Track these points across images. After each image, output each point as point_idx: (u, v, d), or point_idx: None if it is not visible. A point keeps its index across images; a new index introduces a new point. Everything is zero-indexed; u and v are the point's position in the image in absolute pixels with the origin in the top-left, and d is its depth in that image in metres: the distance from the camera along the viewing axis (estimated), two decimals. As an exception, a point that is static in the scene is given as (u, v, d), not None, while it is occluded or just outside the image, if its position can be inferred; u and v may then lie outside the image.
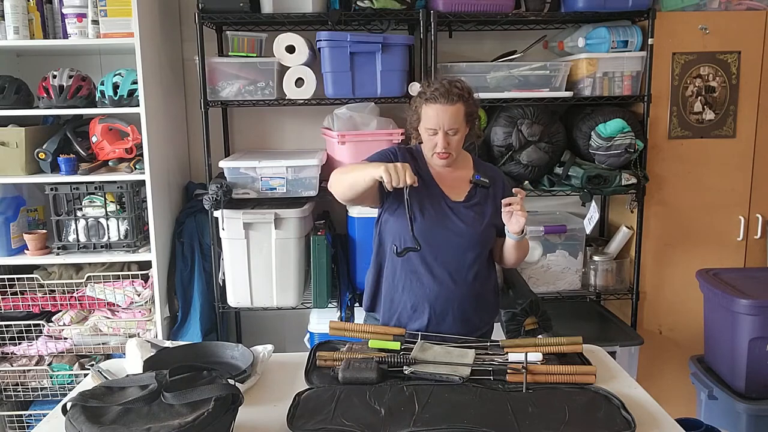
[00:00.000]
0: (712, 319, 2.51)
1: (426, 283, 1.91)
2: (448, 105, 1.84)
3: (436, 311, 1.91)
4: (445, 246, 1.90)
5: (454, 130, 1.86)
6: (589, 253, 2.91)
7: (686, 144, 2.82)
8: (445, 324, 1.91)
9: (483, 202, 1.96)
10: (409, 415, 1.42)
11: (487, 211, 1.95)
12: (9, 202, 2.71)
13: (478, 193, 1.97)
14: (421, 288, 1.92)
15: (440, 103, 1.84)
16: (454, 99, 1.85)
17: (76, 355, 2.76)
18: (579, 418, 1.41)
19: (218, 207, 2.58)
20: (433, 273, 1.91)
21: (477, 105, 1.94)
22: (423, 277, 1.91)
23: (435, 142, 1.87)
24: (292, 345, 3.18)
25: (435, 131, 1.86)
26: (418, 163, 1.97)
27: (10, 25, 2.54)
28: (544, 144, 2.73)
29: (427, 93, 1.88)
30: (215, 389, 1.23)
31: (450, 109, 1.84)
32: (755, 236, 2.88)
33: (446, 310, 1.92)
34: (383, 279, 2.00)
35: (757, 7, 2.80)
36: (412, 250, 1.82)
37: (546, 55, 3.04)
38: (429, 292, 1.91)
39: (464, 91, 1.88)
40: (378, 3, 2.60)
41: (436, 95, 1.85)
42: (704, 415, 2.50)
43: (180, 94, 3.05)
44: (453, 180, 1.97)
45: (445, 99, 1.84)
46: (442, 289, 1.91)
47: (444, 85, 1.87)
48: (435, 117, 1.85)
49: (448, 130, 1.85)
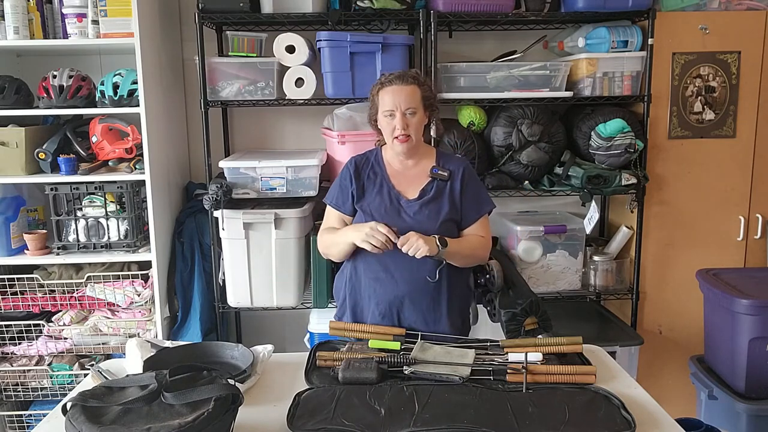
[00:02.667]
0: (712, 319, 2.51)
1: (390, 289, 1.92)
2: (404, 85, 1.90)
3: (404, 315, 1.93)
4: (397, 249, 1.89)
5: (411, 110, 1.89)
6: (589, 253, 2.91)
7: (686, 144, 2.82)
8: (417, 327, 1.91)
9: (438, 197, 1.96)
10: (409, 415, 1.41)
11: (443, 207, 1.95)
12: (9, 202, 2.71)
13: (434, 188, 1.97)
14: (384, 294, 1.93)
15: (395, 84, 1.91)
16: (409, 80, 1.92)
17: (76, 355, 2.76)
18: (579, 418, 1.41)
19: (218, 207, 2.58)
20: (394, 277, 1.92)
21: (433, 93, 2.01)
22: (386, 283, 1.92)
23: (393, 125, 1.89)
24: (292, 345, 3.18)
25: (392, 112, 1.89)
26: (373, 167, 2.01)
27: (10, 25, 2.54)
28: (544, 144, 2.73)
29: (382, 79, 1.95)
30: (215, 389, 1.23)
31: (405, 89, 1.90)
32: (755, 236, 2.88)
33: (414, 313, 1.92)
34: (348, 291, 2.02)
35: (757, 7, 2.80)
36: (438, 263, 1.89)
37: (546, 55, 3.04)
38: (393, 297, 1.92)
39: (418, 76, 1.96)
40: (378, 3, 2.60)
41: (391, 78, 1.93)
42: (704, 415, 2.50)
43: (180, 94, 3.05)
44: (413, 177, 1.99)
45: (400, 80, 1.91)
46: (406, 292, 1.91)
47: (397, 71, 1.96)
48: (391, 98, 1.90)
49: (405, 110, 1.89)
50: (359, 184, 1.99)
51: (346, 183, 2.01)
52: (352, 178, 2.00)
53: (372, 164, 2.03)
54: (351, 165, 2.03)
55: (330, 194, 2.06)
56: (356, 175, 2.01)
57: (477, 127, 2.79)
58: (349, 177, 2.01)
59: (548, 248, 2.83)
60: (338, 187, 2.04)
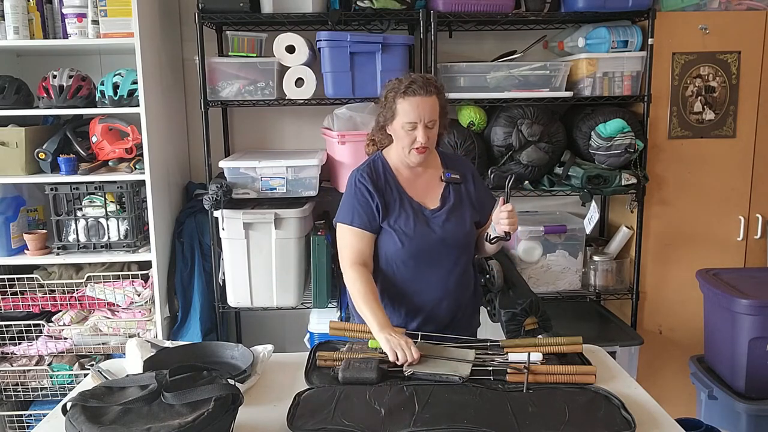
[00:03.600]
0: (712, 319, 2.51)
1: (414, 299, 1.91)
2: (427, 96, 1.81)
3: (424, 322, 1.91)
4: (429, 258, 1.89)
5: (433, 122, 1.84)
6: (589, 253, 2.91)
7: (686, 144, 2.82)
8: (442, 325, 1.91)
9: (459, 203, 1.94)
10: (409, 415, 1.41)
11: (466, 211, 1.94)
12: (9, 202, 2.71)
13: (452, 193, 1.94)
14: (409, 303, 1.92)
15: (419, 95, 1.81)
16: (432, 91, 1.82)
17: (76, 355, 2.76)
18: (579, 418, 1.41)
19: (218, 207, 2.58)
20: (421, 287, 1.90)
21: (447, 99, 1.93)
22: (413, 295, 1.91)
23: (414, 136, 1.83)
24: (292, 345, 3.18)
25: (414, 125, 1.82)
26: (386, 178, 1.92)
27: (10, 25, 2.54)
28: (544, 144, 2.73)
29: (403, 87, 1.83)
30: (215, 389, 1.23)
31: (429, 100, 1.82)
32: (755, 236, 2.88)
33: (434, 318, 1.92)
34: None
35: (757, 7, 2.80)
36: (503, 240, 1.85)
37: (546, 55, 3.04)
38: (417, 306, 1.91)
39: (438, 84, 1.87)
40: (378, 3, 2.60)
41: (415, 87, 1.81)
42: (704, 415, 2.50)
43: (180, 94, 3.05)
44: (425, 183, 1.94)
45: (423, 91, 1.81)
46: (429, 300, 1.91)
47: (419, 79, 1.84)
48: (415, 110, 1.81)
49: (428, 122, 1.83)
50: (380, 196, 1.88)
51: (365, 199, 1.87)
52: (372, 193, 1.87)
53: (383, 175, 1.92)
54: (364, 180, 1.89)
55: (347, 215, 1.89)
56: (375, 188, 1.88)
57: (477, 127, 2.79)
58: (368, 192, 1.87)
59: (548, 248, 2.83)
60: (356, 205, 1.88)
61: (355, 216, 1.87)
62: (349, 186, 1.93)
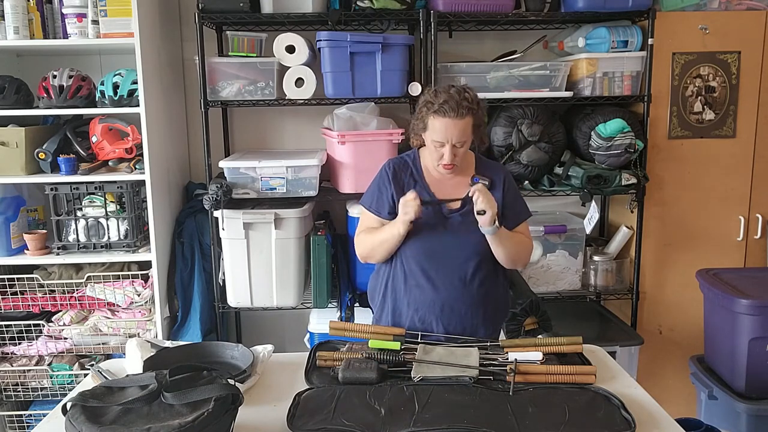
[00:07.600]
0: (712, 319, 2.51)
1: (431, 297, 1.90)
2: (458, 119, 1.79)
3: (444, 323, 1.90)
4: (444, 258, 1.89)
5: (461, 143, 1.83)
6: (589, 253, 2.91)
7: (686, 144, 2.82)
8: (455, 333, 1.89)
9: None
10: (409, 415, 1.41)
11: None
12: (9, 202, 2.70)
13: None
14: (424, 301, 1.91)
15: (449, 117, 1.79)
16: (463, 113, 1.79)
17: (76, 355, 2.76)
18: (579, 418, 1.41)
19: (218, 207, 2.58)
20: (435, 286, 1.90)
21: (485, 113, 1.90)
22: (427, 291, 1.90)
23: (441, 153, 1.84)
24: (292, 345, 3.18)
25: (442, 144, 1.83)
26: (412, 173, 1.95)
27: (10, 25, 2.54)
28: (544, 144, 2.73)
29: (436, 105, 1.81)
30: (215, 389, 1.23)
31: (459, 123, 1.79)
32: (755, 236, 2.88)
33: (454, 320, 1.90)
34: (388, 294, 1.98)
35: (757, 7, 2.80)
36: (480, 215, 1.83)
37: (546, 55, 3.04)
38: (434, 304, 1.90)
39: (473, 103, 1.82)
40: (378, 3, 2.60)
41: (446, 108, 1.79)
42: (704, 415, 2.50)
43: (180, 94, 3.05)
44: (453, 185, 1.93)
45: (454, 113, 1.78)
46: (447, 301, 1.89)
47: (453, 97, 1.80)
48: (444, 131, 1.80)
49: (456, 143, 1.82)
50: (398, 188, 1.92)
51: (384, 186, 1.95)
52: (390, 181, 1.93)
53: (411, 169, 1.96)
54: (389, 168, 1.96)
55: (367, 198, 2.00)
56: (394, 178, 1.93)
57: (477, 127, 2.79)
58: (387, 180, 1.94)
59: (548, 248, 2.83)
60: (376, 190, 1.97)
61: (372, 201, 1.98)
62: (378, 173, 2.01)
